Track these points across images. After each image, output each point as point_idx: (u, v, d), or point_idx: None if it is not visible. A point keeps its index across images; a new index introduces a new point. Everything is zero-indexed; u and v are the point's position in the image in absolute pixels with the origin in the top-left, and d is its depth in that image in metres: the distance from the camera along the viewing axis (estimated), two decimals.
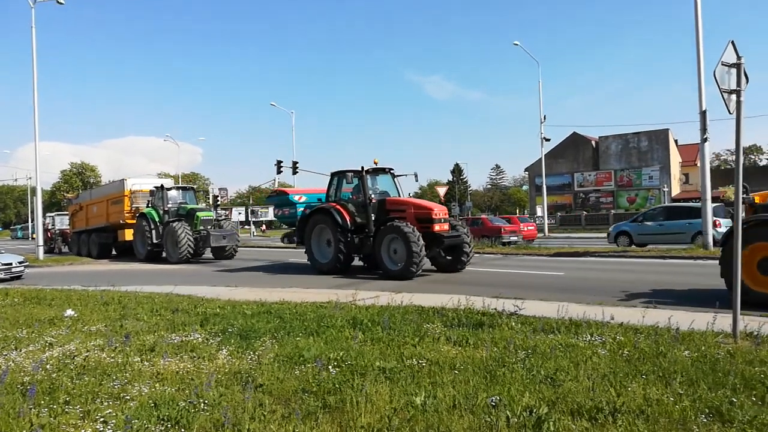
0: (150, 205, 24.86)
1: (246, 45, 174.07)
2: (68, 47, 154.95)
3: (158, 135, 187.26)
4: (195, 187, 26.91)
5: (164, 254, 24.05)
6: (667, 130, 56.93)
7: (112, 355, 6.13)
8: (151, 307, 9.61)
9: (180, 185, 26.29)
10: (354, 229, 15.71)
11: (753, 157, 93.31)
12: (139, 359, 5.92)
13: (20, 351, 6.57)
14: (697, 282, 11.82)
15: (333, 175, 17.11)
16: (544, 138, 38.10)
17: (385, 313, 8.23)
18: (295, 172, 38.09)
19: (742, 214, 7.49)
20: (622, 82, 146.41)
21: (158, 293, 11.83)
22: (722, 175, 51.59)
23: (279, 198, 19.27)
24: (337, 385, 4.76)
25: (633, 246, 22.26)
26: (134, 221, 25.41)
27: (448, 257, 15.66)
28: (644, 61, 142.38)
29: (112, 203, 26.88)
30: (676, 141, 60.78)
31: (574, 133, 61.25)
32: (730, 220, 19.86)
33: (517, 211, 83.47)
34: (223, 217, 26.35)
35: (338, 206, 16.00)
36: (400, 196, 16.68)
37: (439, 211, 15.01)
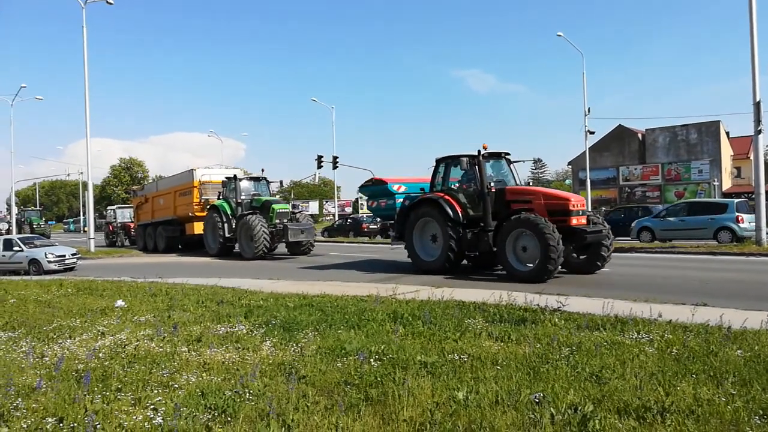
0: (221, 197, 23.44)
1: (289, 43, 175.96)
2: (118, 46, 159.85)
3: (202, 131, 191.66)
4: (267, 177, 24.58)
5: (237, 249, 22.80)
6: (718, 122, 54.75)
7: (161, 344, 6.32)
8: (197, 299, 9.86)
9: (253, 175, 24.69)
10: (466, 223, 13.74)
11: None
12: (186, 349, 6.08)
13: (74, 339, 6.85)
14: (749, 279, 11.39)
15: (440, 161, 14.91)
16: (589, 131, 37.24)
17: (426, 307, 8.22)
18: (335, 167, 38.40)
19: None
20: (669, 75, 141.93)
21: (204, 285, 12.13)
22: None
23: (375, 188, 16.79)
24: (378, 378, 4.79)
25: (655, 241, 21.96)
26: (203, 214, 24.29)
27: (581, 256, 13.43)
28: (692, 54, 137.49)
29: (180, 195, 25.90)
30: (727, 133, 58.46)
31: (620, 125, 59.58)
32: (753, 215, 19.41)
33: None
34: (299, 210, 25.07)
35: (447, 196, 14.02)
36: (518, 184, 14.45)
37: (576, 201, 12.75)
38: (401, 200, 15.59)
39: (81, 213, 66.47)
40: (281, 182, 25.33)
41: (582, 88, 36.82)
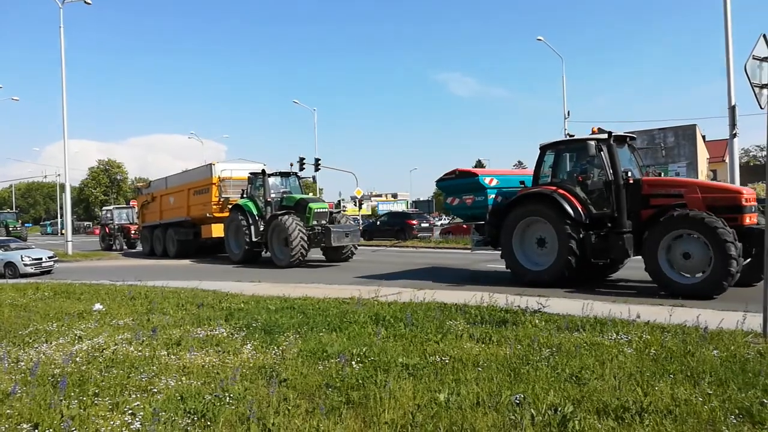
0: (246, 195, 20.55)
1: (269, 45, 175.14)
2: (95, 46, 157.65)
3: (183, 132, 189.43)
4: (298, 172, 21.66)
5: (266, 254, 20.09)
6: (695, 125, 55.59)
7: (140, 348, 6.24)
8: (177, 302, 9.75)
9: (281, 170, 21.24)
10: (588, 223, 11.06)
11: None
12: (165, 353, 6.01)
13: (51, 344, 6.73)
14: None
15: (547, 147, 12.22)
16: (568, 134, 37.45)
17: (408, 309, 8.24)
18: (317, 169, 38.30)
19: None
20: (648, 80, 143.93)
21: (184, 288, 12.00)
22: (751, 171, 50.48)
23: (459, 181, 13.59)
24: (360, 381, 4.78)
25: None
26: (223, 215, 21.45)
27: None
28: (671, 59, 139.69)
29: (194, 193, 22.95)
30: (703, 137, 59.46)
31: (599, 128, 60.31)
32: None
33: None
34: (338, 210, 21.65)
35: (562, 190, 11.31)
36: (643, 175, 11.61)
37: (748, 195, 9.98)
38: (493, 196, 12.88)
39: (58, 215, 65.33)
40: (314, 177, 23.18)
41: (562, 92, 37.24)
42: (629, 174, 10.90)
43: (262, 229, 19.33)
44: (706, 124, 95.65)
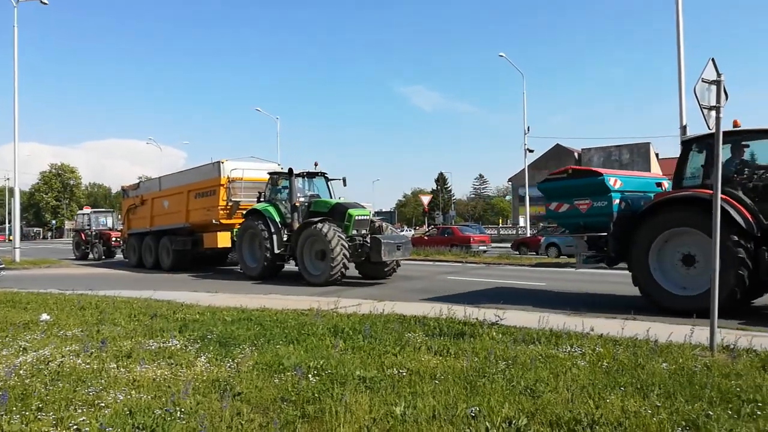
0: (264, 199, 17.55)
1: (233, 52, 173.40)
2: (49, 47, 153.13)
3: (140, 138, 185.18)
4: (326, 173, 18.31)
5: (292, 267, 16.91)
6: (649, 143, 57.76)
7: (88, 360, 6.02)
8: (129, 313, 9.47)
9: (308, 170, 17.90)
10: (760, 236, 8.89)
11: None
12: (115, 365, 5.82)
13: None
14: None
15: (694, 141, 10.09)
16: (528, 149, 38.48)
17: (367, 321, 8.21)
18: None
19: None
20: (605, 97, 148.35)
21: (137, 298, 11.66)
22: None
23: (575, 182, 11.11)
24: (316, 395, 4.72)
25: (562, 256, 23.68)
26: (232, 221, 18.83)
27: None
28: (628, 77, 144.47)
29: (196, 195, 20.03)
30: (657, 154, 61.63)
31: (557, 144, 61.93)
32: None
33: (500, 220, 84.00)
34: (379, 218, 18.19)
35: (724, 195, 8.59)
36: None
37: None
38: (617, 201, 10.55)
39: (7, 221, 62.80)
40: (344, 180, 18.42)
41: (522, 108, 38.05)
42: None
43: (285, 239, 16.47)
44: (660, 143, 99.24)
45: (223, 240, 19.00)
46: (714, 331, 6.20)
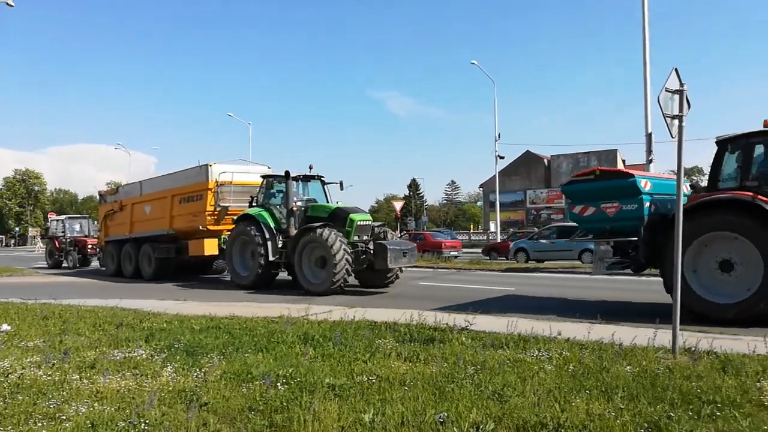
0: (257, 204, 16.78)
1: (204, 55, 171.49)
2: (13, 49, 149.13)
3: (109, 143, 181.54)
4: (323, 177, 17.55)
5: (283, 276, 16.50)
6: (616, 150, 59.11)
7: (49, 372, 5.86)
8: (93, 322, 9.25)
9: (304, 173, 17.08)
10: None
11: (695, 178, 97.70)
12: (77, 377, 5.68)
13: None
14: (642, 298, 12.22)
15: (733, 140, 9.64)
16: (499, 156, 38.90)
17: (338, 328, 8.19)
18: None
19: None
20: (576, 105, 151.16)
21: (102, 307, 11.41)
22: None
23: (604, 183, 10.48)
24: (284, 403, 4.68)
25: (530, 261, 24.16)
26: (219, 228, 17.96)
27: None
28: (597, 84, 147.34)
29: (181, 200, 19.05)
30: (623, 161, 63.02)
31: (527, 151, 62.79)
32: None
33: (471, 226, 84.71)
34: (380, 224, 16.93)
35: (764, 197, 8.65)
36: None
37: None
38: (648, 204, 10.00)
39: None
40: (341, 183, 17.86)
41: (494, 114, 38.51)
42: None
43: (280, 245, 15.74)
44: (627, 149, 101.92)
45: (210, 247, 18.16)
46: (676, 334, 6.35)
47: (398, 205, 38.07)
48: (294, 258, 14.93)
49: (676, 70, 6.96)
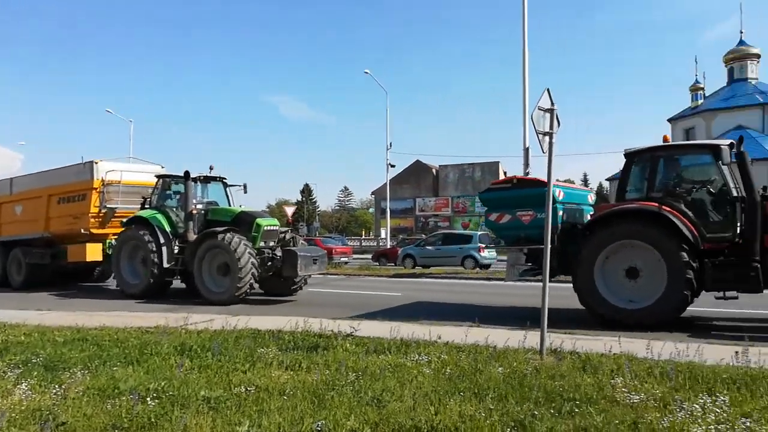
0: (150, 206, 15.47)
1: (81, 48, 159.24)
2: None
3: None
4: (226, 178, 16.25)
5: (176, 283, 15.20)
6: (498, 162, 62.50)
7: None
8: None
9: (204, 174, 15.65)
10: (702, 249, 9.18)
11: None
12: None
13: None
14: (516, 302, 12.96)
15: (640, 154, 10.12)
16: (390, 164, 39.74)
17: (218, 337, 7.90)
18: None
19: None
20: (461, 117, 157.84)
21: None
22: None
23: (520, 192, 10.74)
24: (153, 419, 4.42)
25: (417, 267, 25.03)
26: (103, 231, 16.41)
27: None
28: (485, 98, 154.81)
29: (60, 200, 17.15)
30: (505, 172, 66.71)
31: (417, 161, 64.69)
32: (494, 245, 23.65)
33: (363, 232, 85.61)
34: (287, 229, 16.28)
35: (668, 208, 9.24)
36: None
37: None
38: (561, 213, 10.50)
39: None
40: (245, 186, 16.55)
41: (386, 123, 39.24)
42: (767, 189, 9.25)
43: (176, 251, 14.51)
44: (509, 162, 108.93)
45: (93, 252, 16.43)
46: (544, 336, 6.78)
47: (290, 210, 37.56)
48: (193, 265, 13.89)
49: (548, 90, 7.46)
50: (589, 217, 10.55)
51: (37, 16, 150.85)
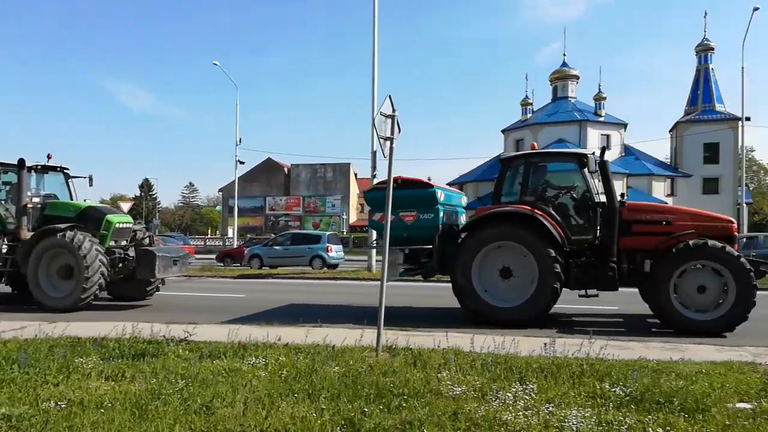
0: None
1: None
2: None
3: None
4: (67, 168, 14.21)
5: (9, 288, 13.23)
6: (349, 163, 63.67)
7: None
8: None
9: (42, 164, 13.62)
10: (568, 251, 9.93)
11: None
12: None
13: None
14: (359, 301, 13.26)
15: (512, 160, 10.78)
16: (239, 161, 38.51)
17: (29, 347, 7.06)
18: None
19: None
20: (316, 119, 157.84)
21: None
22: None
23: (404, 192, 10.44)
24: None
25: (264, 268, 24.89)
26: None
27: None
28: (338, 101, 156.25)
29: None
30: (356, 174, 68.12)
31: (269, 158, 63.63)
32: (341, 245, 25.76)
33: (209, 231, 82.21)
34: (143, 227, 14.69)
35: (539, 211, 9.90)
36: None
37: (734, 225, 10.01)
38: (442, 214, 10.74)
39: None
40: (90, 178, 14.56)
41: (235, 118, 37.93)
42: (626, 196, 10.19)
43: (5, 250, 12.54)
44: (359, 164, 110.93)
45: None
46: (380, 333, 7.00)
47: (126, 206, 34.53)
48: (26, 267, 12.13)
49: (389, 96, 7.71)
50: (463, 219, 11.06)
51: None
